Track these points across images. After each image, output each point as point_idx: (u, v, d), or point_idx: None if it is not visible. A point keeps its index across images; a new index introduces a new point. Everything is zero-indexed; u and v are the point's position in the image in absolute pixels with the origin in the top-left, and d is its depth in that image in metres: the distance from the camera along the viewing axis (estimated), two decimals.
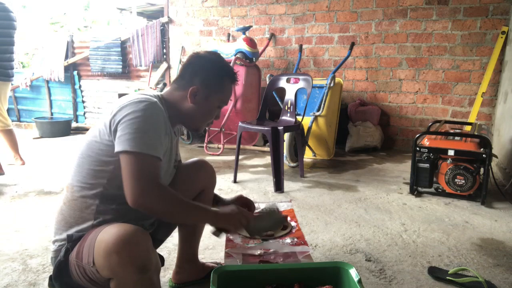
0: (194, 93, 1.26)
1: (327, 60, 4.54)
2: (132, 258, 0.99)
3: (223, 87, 1.31)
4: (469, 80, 4.00)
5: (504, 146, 3.24)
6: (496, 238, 2.05)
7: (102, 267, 1.02)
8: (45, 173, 3.27)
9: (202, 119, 1.32)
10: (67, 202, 1.20)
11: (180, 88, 1.29)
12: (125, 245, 0.98)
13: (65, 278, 1.14)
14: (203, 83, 1.27)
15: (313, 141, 3.78)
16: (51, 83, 5.70)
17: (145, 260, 1.01)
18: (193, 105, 1.27)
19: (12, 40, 3.20)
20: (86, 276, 1.09)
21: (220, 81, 1.30)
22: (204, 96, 1.28)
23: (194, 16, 5.08)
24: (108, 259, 0.99)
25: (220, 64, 1.31)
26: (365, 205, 2.54)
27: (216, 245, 1.94)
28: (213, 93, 1.29)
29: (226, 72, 1.31)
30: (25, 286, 1.55)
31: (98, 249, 1.02)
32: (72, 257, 1.12)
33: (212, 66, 1.29)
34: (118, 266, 0.98)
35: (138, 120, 1.09)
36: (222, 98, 1.33)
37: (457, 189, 2.61)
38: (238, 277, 1.29)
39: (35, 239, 1.98)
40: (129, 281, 1.01)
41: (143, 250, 1.01)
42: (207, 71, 1.28)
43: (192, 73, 1.28)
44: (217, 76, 1.29)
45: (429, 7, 4.02)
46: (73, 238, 1.15)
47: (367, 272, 1.68)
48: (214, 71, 1.29)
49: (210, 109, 1.32)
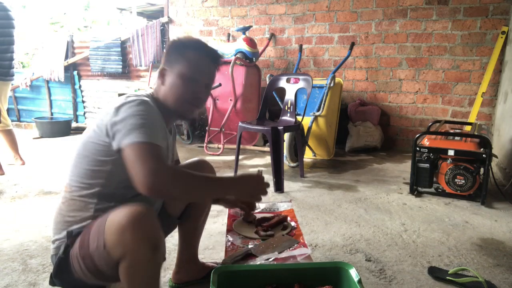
0: (162, 74, 1.26)
1: (327, 60, 4.54)
2: (146, 234, 0.99)
3: (187, 58, 1.25)
4: (469, 80, 4.00)
5: (504, 146, 3.24)
6: (496, 238, 2.05)
7: (114, 246, 1.01)
8: (45, 173, 3.27)
9: (178, 97, 1.25)
10: (66, 201, 1.20)
11: (157, 78, 1.28)
12: (139, 221, 0.99)
13: (65, 274, 1.14)
14: (167, 60, 1.26)
15: (313, 141, 3.78)
16: (51, 83, 5.70)
17: (157, 239, 1.02)
18: (164, 86, 1.25)
19: (12, 40, 3.20)
20: (92, 267, 1.08)
21: (182, 53, 1.25)
22: (170, 72, 1.25)
23: (194, 16, 5.08)
24: (122, 236, 0.98)
25: (184, 40, 1.29)
26: (365, 205, 2.54)
27: (216, 245, 1.94)
28: (178, 67, 1.24)
29: (188, 45, 1.27)
30: (25, 286, 1.55)
31: (109, 229, 1.02)
32: (74, 251, 1.11)
33: (176, 43, 1.29)
34: (132, 242, 0.98)
35: (135, 115, 1.09)
36: (190, 67, 1.24)
37: (457, 189, 2.61)
38: (238, 277, 1.29)
39: (35, 239, 1.98)
40: (142, 259, 1.00)
41: (156, 228, 1.02)
42: (171, 49, 1.27)
43: (163, 58, 1.28)
44: (179, 50, 1.26)
45: (429, 7, 4.02)
46: (73, 234, 1.14)
47: (367, 272, 1.68)
48: (176, 46, 1.27)
49: (181, 84, 1.24)
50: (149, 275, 1.04)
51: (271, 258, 1.72)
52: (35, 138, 4.92)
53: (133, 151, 1.04)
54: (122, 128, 1.08)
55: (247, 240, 1.93)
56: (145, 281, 1.04)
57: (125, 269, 1.03)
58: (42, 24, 8.76)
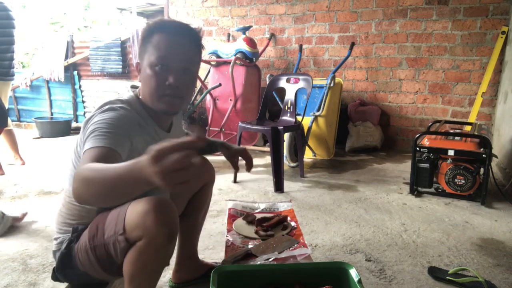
0: (138, 69, 1.19)
1: (327, 60, 4.54)
2: (166, 221, 0.99)
3: (152, 43, 1.12)
4: (469, 80, 4.00)
5: (504, 146, 3.24)
6: (496, 238, 2.05)
7: (135, 227, 0.99)
8: (45, 173, 3.27)
9: (151, 91, 1.13)
10: (66, 204, 1.20)
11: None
12: (163, 207, 0.99)
13: (68, 269, 1.14)
14: (139, 53, 1.18)
15: (313, 141, 3.78)
16: (51, 83, 5.70)
17: (175, 229, 1.01)
18: (141, 83, 1.18)
19: (12, 40, 3.20)
20: (104, 257, 1.06)
21: (149, 39, 1.14)
22: (143, 64, 1.15)
23: (194, 16, 5.08)
24: (144, 218, 0.97)
25: (151, 24, 1.16)
26: (365, 205, 2.54)
27: (216, 245, 1.94)
28: (146, 56, 1.14)
29: (154, 29, 1.14)
30: (25, 286, 1.55)
31: (133, 211, 1.01)
32: (82, 244, 1.10)
33: (143, 31, 1.16)
34: (153, 225, 0.97)
35: (95, 124, 1.05)
36: (156, 55, 1.11)
37: (457, 189, 2.61)
38: (238, 277, 1.29)
39: (35, 239, 1.98)
40: (158, 243, 0.99)
41: (175, 219, 1.02)
42: (140, 38, 1.18)
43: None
44: (146, 37, 1.14)
45: (429, 7, 4.02)
46: (78, 230, 1.14)
47: (367, 272, 1.68)
48: (143, 34, 1.16)
49: (151, 74, 1.12)
50: (155, 265, 1.04)
51: (271, 258, 1.72)
52: (35, 138, 4.92)
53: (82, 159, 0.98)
54: (84, 138, 1.05)
55: (247, 240, 1.93)
56: (148, 269, 1.03)
57: (135, 250, 1.00)
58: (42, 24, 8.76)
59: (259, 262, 1.69)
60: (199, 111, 4.94)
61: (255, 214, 2.25)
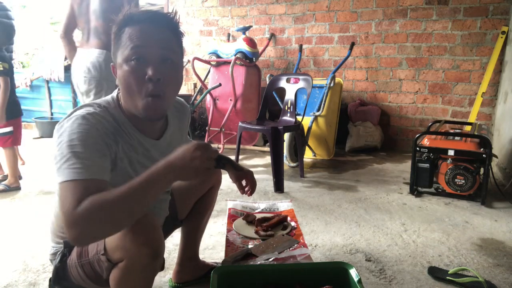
0: (114, 72, 1.07)
1: (327, 60, 4.54)
2: (147, 239, 0.96)
3: (124, 37, 1.03)
4: (469, 80, 4.00)
5: (504, 146, 3.24)
6: (496, 238, 2.05)
7: (114, 249, 0.98)
8: (45, 173, 3.27)
9: (129, 90, 1.03)
10: (57, 215, 1.17)
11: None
12: (141, 226, 0.95)
13: (64, 281, 1.14)
14: (112, 55, 1.07)
15: (313, 141, 3.78)
16: (51, 83, 5.70)
17: (158, 245, 0.99)
18: (119, 82, 1.05)
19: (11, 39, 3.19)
20: (92, 274, 1.07)
21: (120, 35, 1.04)
22: (117, 63, 1.05)
23: (194, 16, 5.08)
24: (123, 239, 0.95)
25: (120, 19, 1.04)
26: (365, 205, 2.54)
27: (216, 245, 1.94)
28: (119, 53, 1.04)
29: (124, 23, 1.03)
30: (25, 286, 1.56)
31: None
32: (72, 260, 1.10)
33: (114, 28, 1.06)
34: (133, 246, 0.94)
35: (63, 145, 0.94)
36: (129, 48, 1.01)
37: (457, 189, 2.61)
38: (238, 277, 1.29)
39: (35, 239, 1.98)
40: (140, 263, 0.97)
41: (157, 234, 0.99)
42: (113, 36, 1.06)
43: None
44: (117, 33, 1.05)
45: (429, 7, 4.02)
46: (70, 243, 1.13)
47: (367, 272, 1.68)
48: (114, 31, 1.05)
49: (126, 71, 1.02)
50: (143, 282, 1.03)
51: (271, 258, 1.72)
52: (35, 138, 4.92)
53: (59, 192, 0.91)
54: (55, 161, 0.94)
55: (247, 240, 1.93)
56: (139, 285, 1.03)
57: (119, 271, 1.00)
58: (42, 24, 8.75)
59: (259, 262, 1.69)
60: (199, 111, 4.94)
61: (255, 214, 2.25)
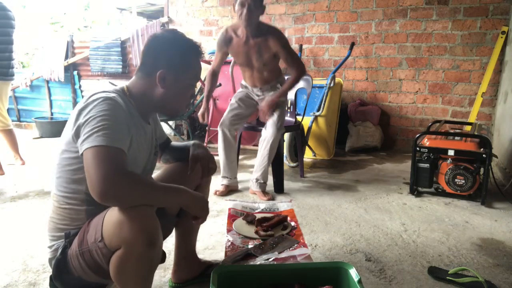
0: (162, 78, 1.20)
1: (327, 60, 4.54)
2: (143, 228, 0.99)
3: (190, 63, 1.24)
4: (469, 80, 4.00)
5: (504, 146, 3.24)
6: (496, 238, 2.05)
7: (111, 237, 1.01)
8: (45, 173, 3.27)
9: (177, 102, 1.27)
10: (55, 210, 1.20)
11: (145, 76, 1.23)
12: (137, 215, 1.00)
13: (65, 275, 1.14)
14: (168, 64, 1.20)
15: (313, 141, 3.78)
16: (51, 83, 5.70)
17: (154, 234, 1.02)
18: (164, 90, 1.21)
19: (11, 39, 3.19)
20: (91, 262, 1.08)
21: (184, 58, 1.23)
22: (174, 78, 1.21)
23: (194, 16, 5.08)
24: (120, 226, 0.99)
25: (180, 41, 1.23)
26: (365, 205, 2.54)
27: (216, 245, 1.94)
28: (181, 72, 1.23)
29: (188, 48, 1.24)
30: (25, 286, 1.56)
31: (109, 220, 1.03)
32: (73, 250, 1.11)
33: (173, 45, 1.22)
34: (129, 233, 0.98)
35: (96, 117, 1.05)
36: (192, 74, 1.27)
37: (457, 189, 2.61)
38: (238, 277, 1.29)
39: (35, 239, 1.98)
40: (136, 252, 1.00)
41: (154, 223, 1.02)
42: (169, 51, 1.21)
43: (154, 57, 1.21)
44: (180, 54, 1.22)
45: (429, 7, 4.02)
46: (70, 235, 1.14)
47: (367, 272, 1.68)
48: (175, 49, 1.21)
49: (183, 90, 1.26)
50: (140, 272, 1.04)
51: (271, 258, 1.72)
52: (35, 138, 4.92)
53: (89, 155, 1.00)
54: (83, 132, 1.05)
55: (247, 240, 1.93)
56: (135, 276, 1.04)
57: (117, 259, 1.02)
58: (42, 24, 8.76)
59: (259, 262, 1.69)
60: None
61: (255, 214, 2.25)
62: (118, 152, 1.03)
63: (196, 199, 1.15)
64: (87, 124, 1.05)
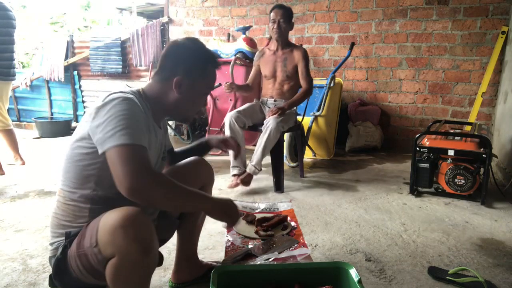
0: (179, 84, 1.23)
1: (327, 60, 4.54)
2: (137, 234, 0.99)
3: (207, 73, 1.29)
4: (469, 80, 4.00)
5: (504, 146, 3.24)
6: (496, 238, 2.05)
7: (106, 244, 1.01)
8: (45, 173, 3.27)
9: (190, 108, 1.32)
10: (60, 206, 1.20)
11: (162, 80, 1.26)
12: (131, 221, 0.99)
13: (64, 275, 1.14)
14: (186, 72, 1.24)
15: (313, 141, 3.78)
16: (51, 83, 5.70)
17: (149, 241, 1.01)
18: (179, 95, 1.25)
19: (12, 39, 3.19)
20: (88, 265, 1.08)
21: (203, 68, 1.27)
22: (190, 85, 1.25)
23: (194, 16, 5.08)
24: (114, 234, 0.99)
25: (200, 50, 1.28)
26: (365, 205, 2.54)
27: (216, 245, 1.94)
28: (198, 81, 1.27)
29: (207, 58, 1.29)
30: (25, 286, 1.55)
31: (103, 227, 1.02)
32: (72, 250, 1.11)
33: (193, 54, 1.26)
34: (123, 241, 0.98)
35: (117, 116, 1.07)
36: (208, 84, 1.32)
37: (457, 189, 2.61)
38: (238, 277, 1.29)
39: (35, 239, 1.98)
40: (131, 259, 0.99)
41: (148, 230, 1.02)
42: (188, 59, 1.25)
43: (173, 63, 1.24)
44: (199, 63, 1.26)
45: (429, 7, 4.02)
46: (71, 235, 1.15)
47: (367, 272, 1.68)
48: (195, 58, 1.26)
49: (197, 97, 1.31)
50: (136, 279, 1.04)
51: (271, 258, 1.72)
52: (35, 138, 4.92)
53: (115, 154, 1.02)
54: (105, 130, 1.06)
55: (247, 240, 1.93)
56: (131, 283, 1.04)
57: (112, 267, 1.02)
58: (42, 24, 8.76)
59: (259, 262, 1.69)
60: (199, 111, 4.94)
61: (255, 214, 2.25)
62: (142, 149, 1.06)
63: (221, 205, 1.20)
64: (108, 123, 1.06)
